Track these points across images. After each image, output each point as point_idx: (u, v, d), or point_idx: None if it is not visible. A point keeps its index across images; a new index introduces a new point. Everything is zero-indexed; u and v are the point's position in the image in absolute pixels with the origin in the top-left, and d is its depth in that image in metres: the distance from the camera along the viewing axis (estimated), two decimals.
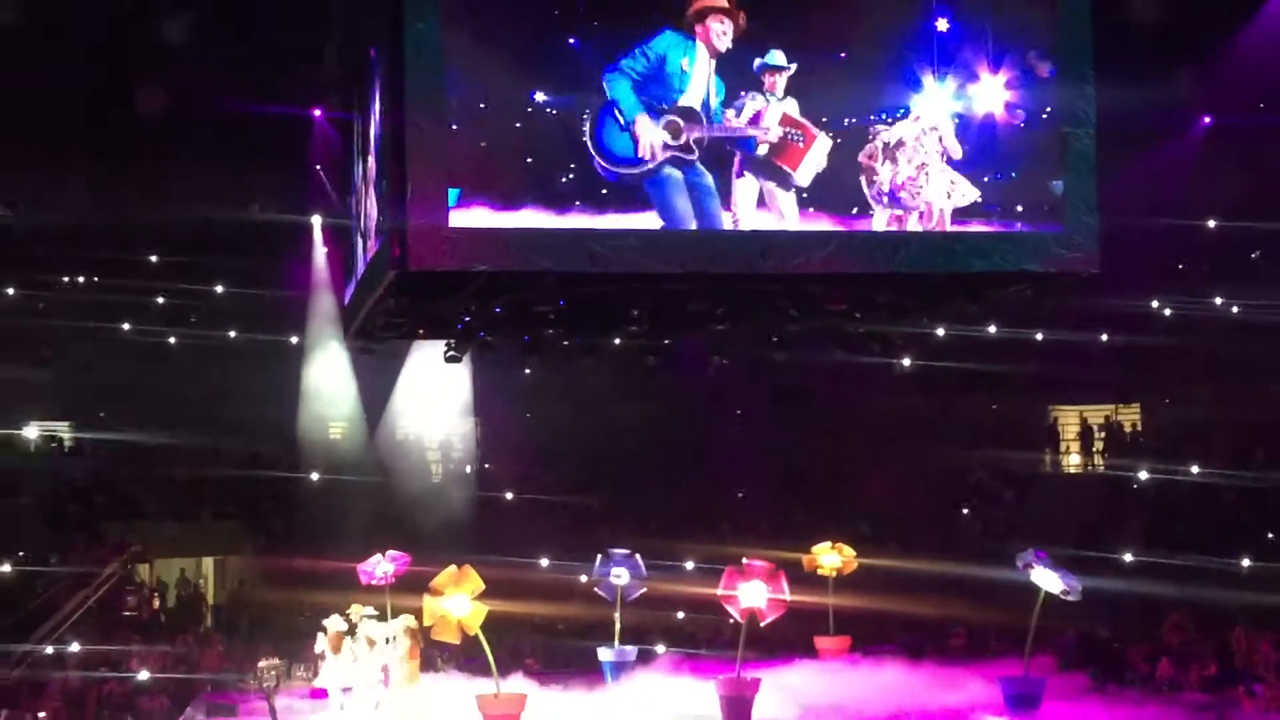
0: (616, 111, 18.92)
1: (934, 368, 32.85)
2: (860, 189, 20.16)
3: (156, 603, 30.07)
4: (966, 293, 23.32)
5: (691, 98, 19.24)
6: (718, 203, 19.61)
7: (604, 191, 19.17)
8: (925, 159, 20.12)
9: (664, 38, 19.06)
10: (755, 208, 19.84)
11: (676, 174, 19.29)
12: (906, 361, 32.77)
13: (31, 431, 33.66)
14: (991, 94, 20.23)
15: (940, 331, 29.57)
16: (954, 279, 21.40)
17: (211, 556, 32.44)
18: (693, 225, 19.58)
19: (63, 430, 34.15)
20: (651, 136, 19.08)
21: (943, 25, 20.00)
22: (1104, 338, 32.93)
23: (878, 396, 35.19)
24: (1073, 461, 34.69)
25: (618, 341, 26.53)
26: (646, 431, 36.48)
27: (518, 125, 18.92)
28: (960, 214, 20.46)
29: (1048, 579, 22.18)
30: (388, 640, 21.75)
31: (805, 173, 19.88)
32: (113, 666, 24.33)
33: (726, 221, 19.76)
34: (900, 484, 34.83)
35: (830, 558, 26.66)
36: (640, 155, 19.15)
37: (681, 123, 19.26)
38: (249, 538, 32.10)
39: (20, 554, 28.30)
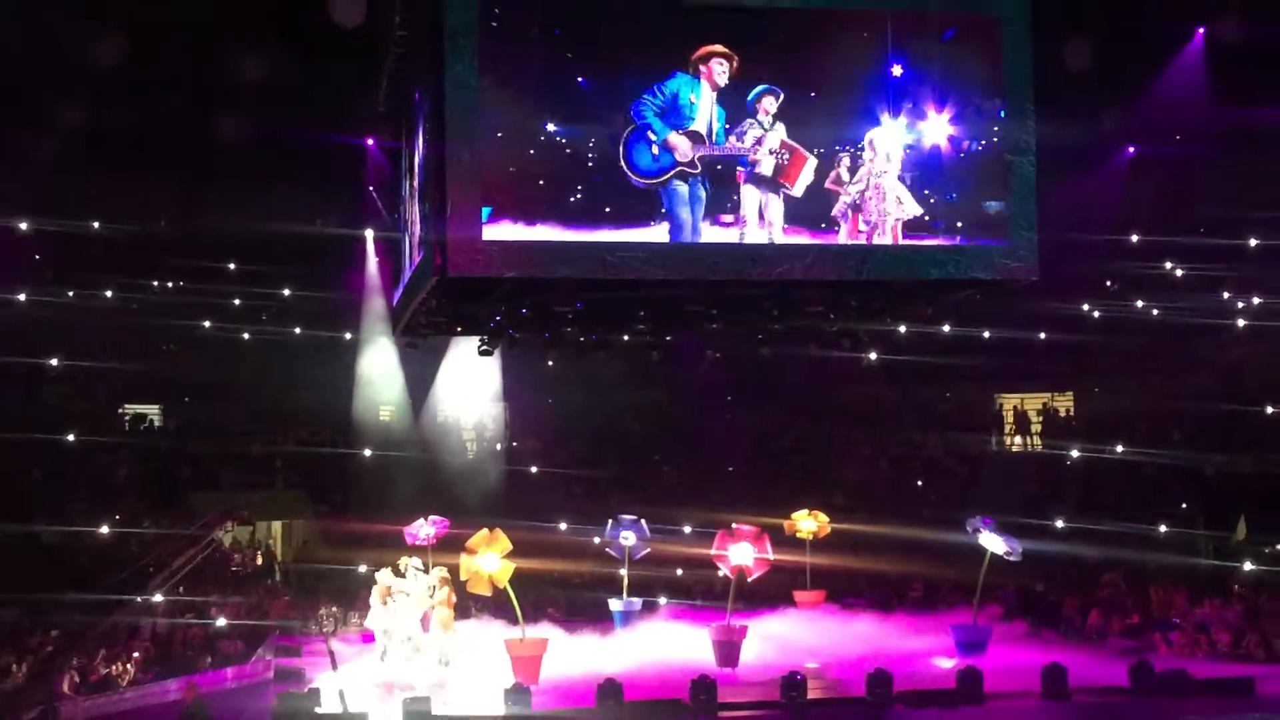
0: (650, 134, 19.84)
1: (896, 361, 32.74)
2: (829, 207, 20.42)
3: (260, 559, 30.00)
4: (924, 296, 23.39)
5: (699, 124, 20.08)
6: (709, 210, 20.19)
7: (607, 210, 19.59)
8: (879, 181, 20.46)
9: (676, 79, 19.95)
10: (758, 221, 20.22)
11: (683, 187, 20.04)
12: (873, 356, 32.70)
13: (127, 413, 33.70)
14: (937, 128, 20.81)
15: (902, 329, 29.56)
16: (913, 285, 21.48)
17: (279, 521, 32.37)
18: (691, 227, 19.95)
19: (153, 412, 34.13)
20: (683, 146, 20.00)
21: (897, 71, 20.44)
22: (1042, 335, 32.86)
23: (848, 386, 35.15)
24: (1015, 442, 34.60)
25: (626, 338, 26.53)
26: (650, 415, 36.40)
27: (532, 152, 19.26)
28: (910, 228, 20.67)
29: (993, 542, 22.23)
30: (431, 591, 21.83)
31: (800, 186, 20.43)
32: (196, 614, 24.34)
33: (716, 233, 20.12)
34: (868, 460, 34.77)
35: (808, 523, 26.69)
36: (667, 165, 19.91)
37: (689, 143, 19.99)
38: (312, 505, 32.06)
39: (117, 517, 28.29)
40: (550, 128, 19.42)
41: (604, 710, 17.71)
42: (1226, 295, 31.17)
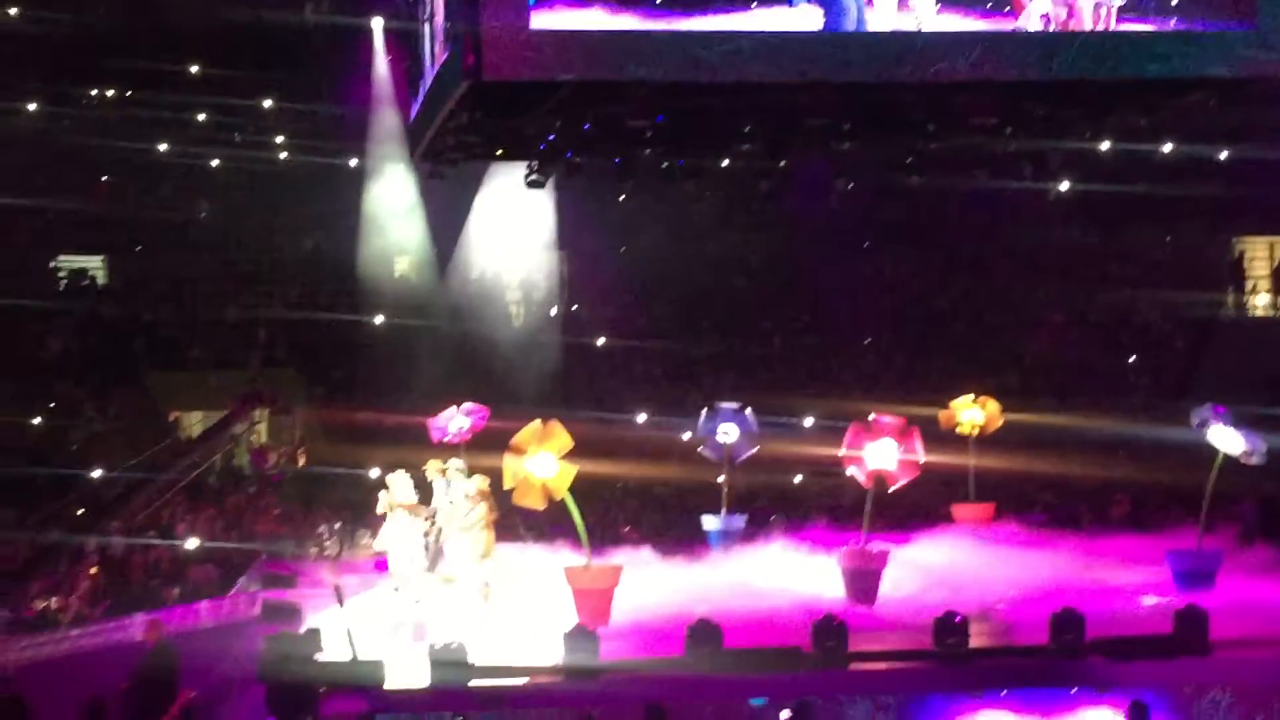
0: None
1: (1096, 193, 32.35)
2: None
3: (302, 458, 30.54)
4: (1136, 103, 22.97)
5: None
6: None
7: None
8: None
9: None
10: (896, 8, 19.80)
11: None
12: (1064, 186, 32.29)
13: (61, 268, 34.14)
14: None
15: (1104, 148, 29.06)
16: (1122, 87, 21.10)
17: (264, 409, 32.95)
18: (857, 12, 19.63)
19: (95, 266, 34.61)
20: None
21: None
22: None
23: (1030, 227, 34.83)
24: (1260, 303, 34.20)
25: (725, 163, 26.41)
26: (759, 268, 36.42)
27: None
28: (1129, 10, 20.17)
29: (1227, 439, 22.04)
30: (465, 505, 22.16)
31: None
32: (159, 531, 24.95)
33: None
34: (1056, 329, 34.58)
35: (971, 413, 26.67)
36: None
37: None
38: (306, 389, 32.55)
39: (51, 406, 28.91)
40: None
41: (696, 660, 17.91)
42: None
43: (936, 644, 18.43)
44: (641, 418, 30.76)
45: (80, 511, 25.19)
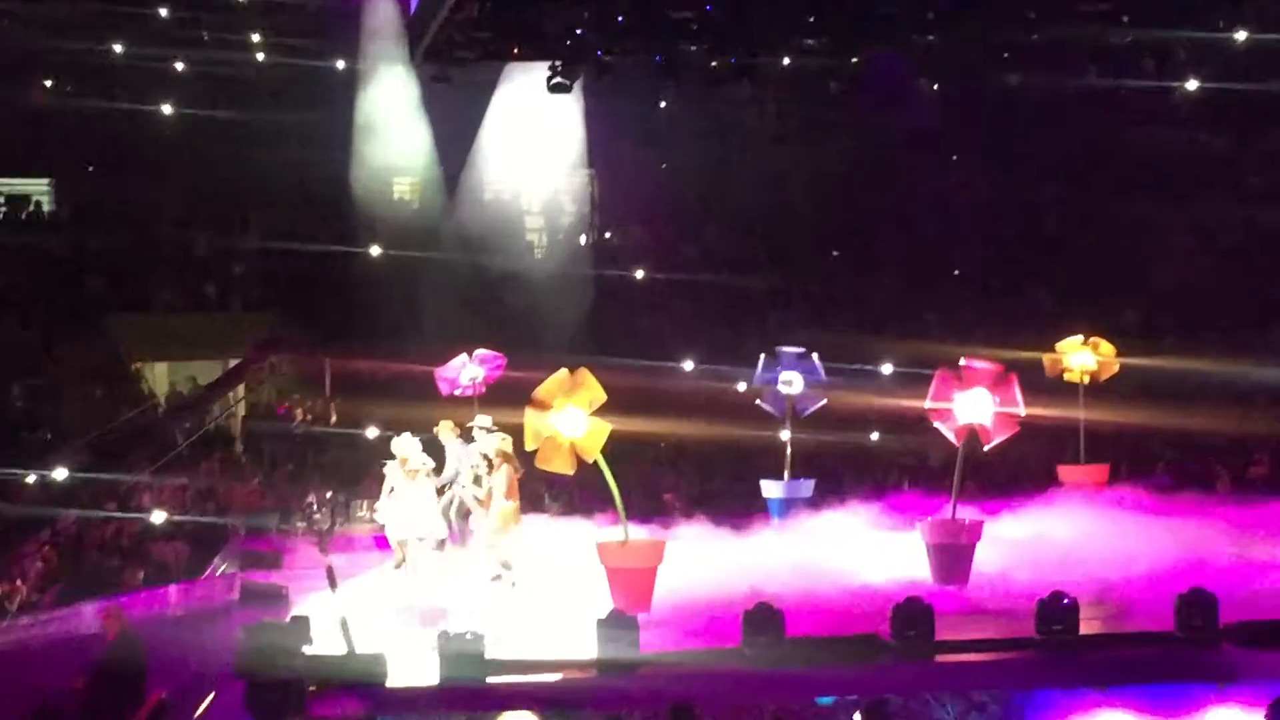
0: None
1: (1230, 92, 32.11)
2: None
3: (333, 416, 30.68)
4: None
5: None
6: None
7: None
8: None
9: None
10: None
11: None
12: (1192, 84, 32.04)
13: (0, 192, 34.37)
14: None
15: (1241, 38, 28.82)
16: None
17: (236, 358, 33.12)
18: None
19: (39, 190, 34.75)
20: None
21: None
22: None
23: (1151, 131, 34.60)
24: None
25: (786, 61, 26.29)
26: (826, 186, 36.28)
27: None
28: None
29: None
30: (480, 468, 22.23)
31: None
32: (119, 502, 25.11)
33: None
34: (1184, 254, 34.39)
35: (1081, 357, 26.56)
36: None
37: None
38: (290, 333, 32.68)
39: None
40: None
41: (754, 651, 17.93)
42: None
43: (1040, 631, 18.43)
44: (688, 365, 30.76)
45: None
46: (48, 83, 34.30)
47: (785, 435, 25.69)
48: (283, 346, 30.92)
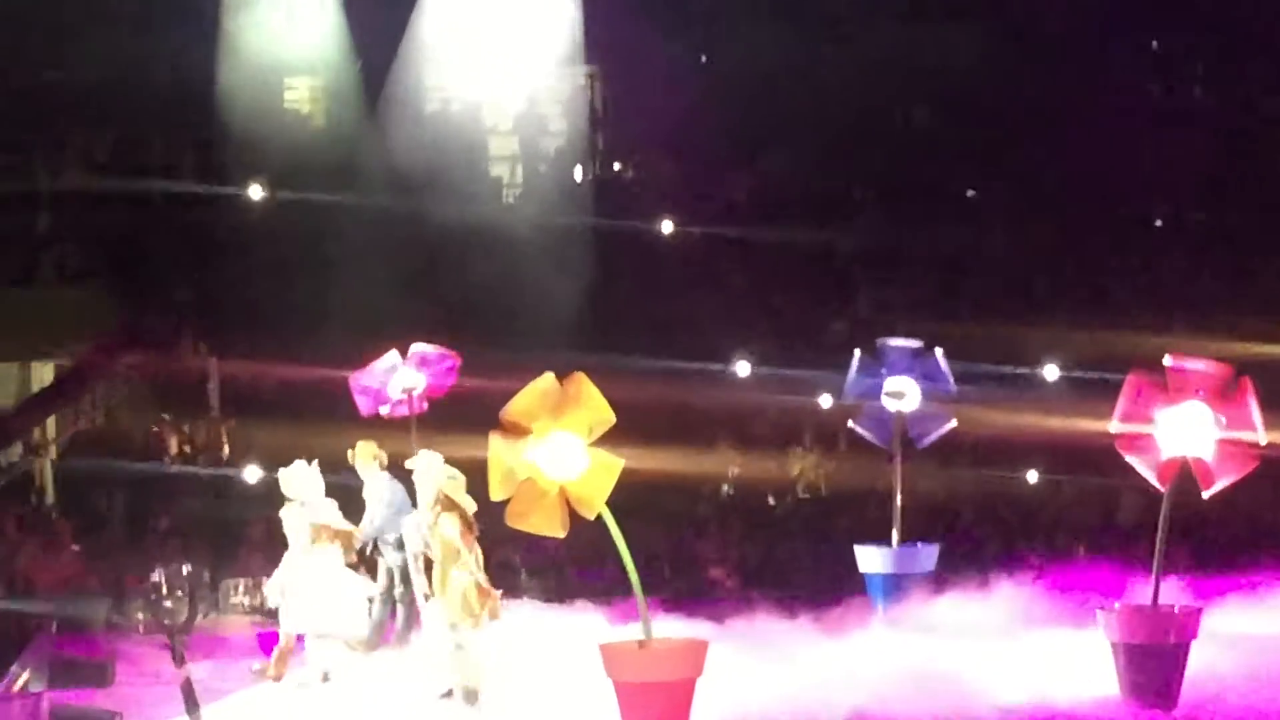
0: None
1: None
2: None
3: (225, 445, 30.63)
4: None
5: None
6: None
7: None
8: None
9: None
10: None
11: None
12: None
13: None
14: None
15: None
16: None
17: (52, 361, 33.28)
18: None
19: None
20: None
21: None
22: None
23: None
24: None
25: None
26: (955, 88, 36.30)
27: None
28: None
29: None
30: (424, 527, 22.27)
31: None
32: None
33: None
34: None
35: None
36: None
37: None
38: (129, 318, 32.84)
39: None
40: None
41: None
42: None
43: None
44: (743, 368, 30.82)
45: None
46: None
47: (894, 473, 25.77)
48: (143, 341, 30.81)
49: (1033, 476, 29.15)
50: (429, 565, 21.62)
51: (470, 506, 21.09)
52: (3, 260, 33.30)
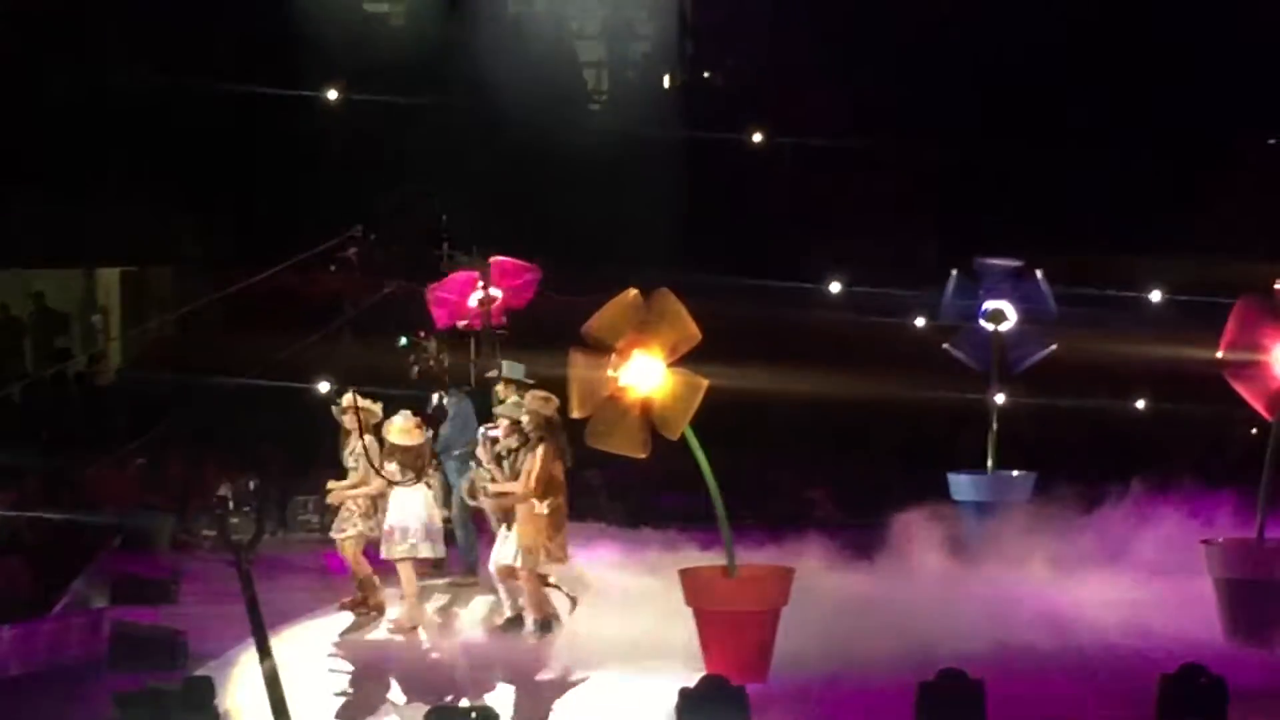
0: None
1: None
2: None
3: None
4: None
5: None
6: None
7: None
8: None
9: None
10: None
11: None
12: None
13: None
14: None
15: None
16: None
17: (115, 267, 33.30)
18: None
19: None
20: None
21: None
22: None
23: None
24: None
25: None
26: (1053, 8, 36.05)
27: None
28: None
29: None
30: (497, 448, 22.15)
31: None
32: None
33: None
34: None
35: None
36: None
37: None
38: (192, 229, 32.87)
39: None
40: None
41: None
42: None
43: None
44: (834, 287, 30.65)
45: None
46: None
47: (991, 398, 25.61)
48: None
49: (1135, 404, 29.00)
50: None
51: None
52: (70, 168, 33.25)
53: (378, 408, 22.26)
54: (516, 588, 21.36)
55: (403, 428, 21.92)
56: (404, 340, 23.47)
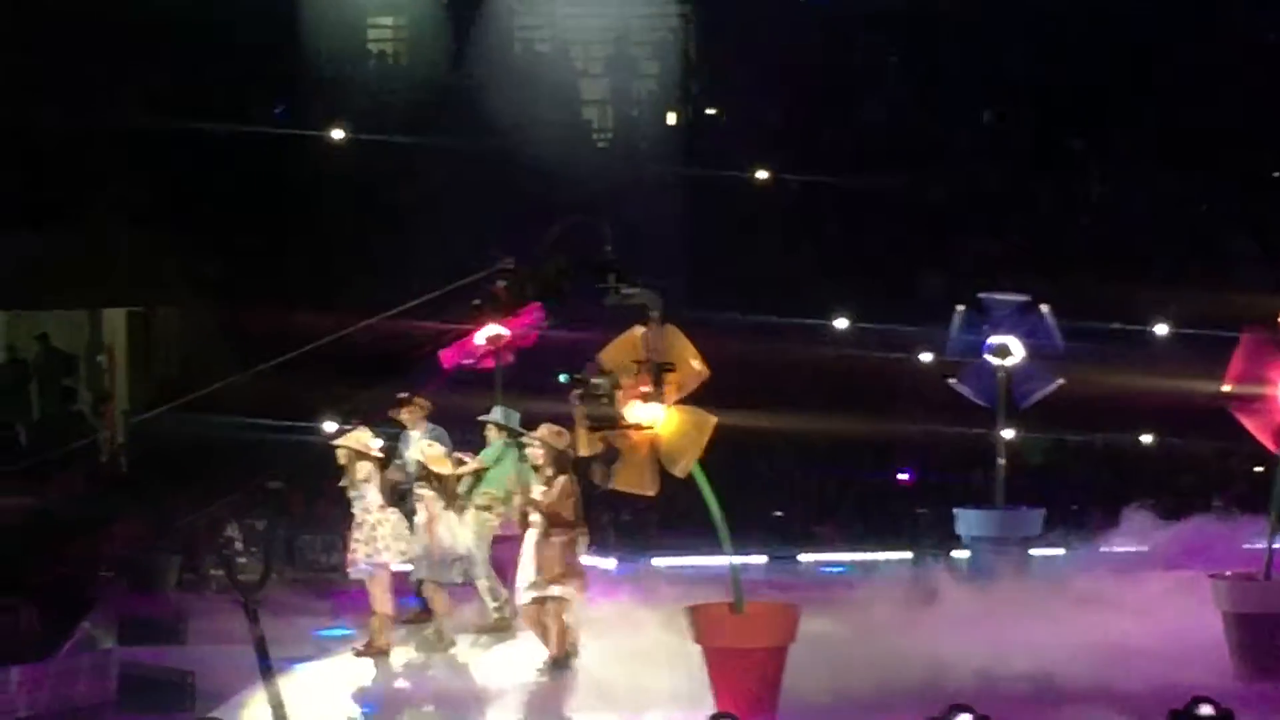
0: None
1: None
2: None
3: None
4: None
5: None
6: None
7: None
8: None
9: None
10: None
11: None
12: None
13: None
14: None
15: None
16: None
17: (122, 308, 33.31)
18: None
19: None
20: None
21: None
22: None
23: None
24: None
25: None
26: (1057, 34, 36.05)
27: None
28: None
29: None
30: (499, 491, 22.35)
31: None
32: None
33: None
34: None
35: None
36: None
37: None
38: (205, 263, 32.93)
39: None
40: None
41: None
42: None
43: None
44: (840, 323, 30.74)
45: None
46: None
47: (998, 435, 25.76)
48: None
49: (1141, 438, 29.07)
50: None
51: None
52: (76, 206, 33.36)
53: (376, 444, 22.52)
54: (546, 626, 21.52)
55: (434, 456, 22.22)
56: (563, 377, 23.40)
